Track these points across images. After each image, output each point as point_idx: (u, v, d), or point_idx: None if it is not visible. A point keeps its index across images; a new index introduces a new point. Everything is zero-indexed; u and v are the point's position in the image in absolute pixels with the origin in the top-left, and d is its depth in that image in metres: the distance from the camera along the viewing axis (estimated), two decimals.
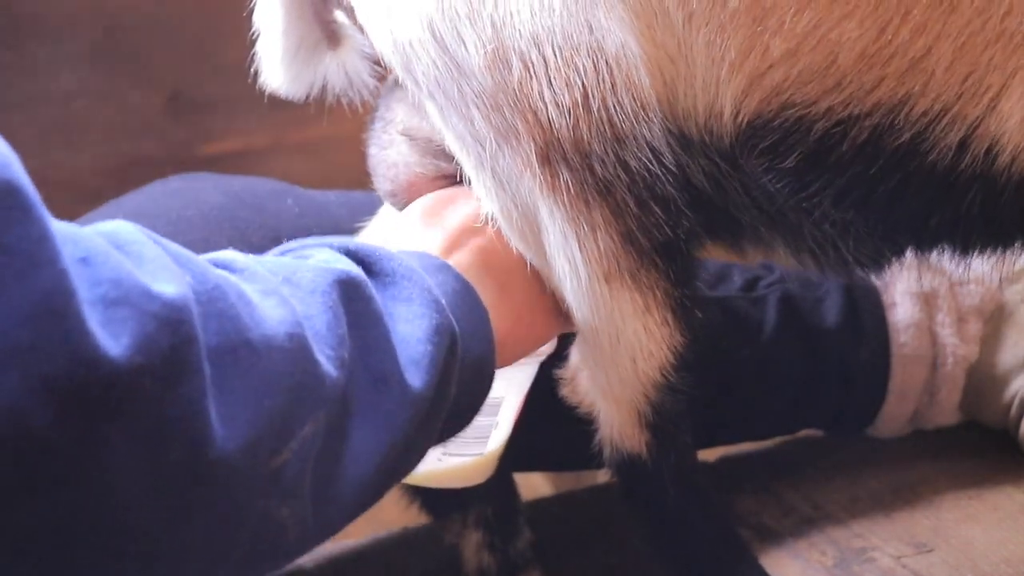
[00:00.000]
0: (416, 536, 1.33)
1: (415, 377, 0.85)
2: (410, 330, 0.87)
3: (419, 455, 0.91)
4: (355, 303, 0.84)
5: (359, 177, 1.20)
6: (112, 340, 0.65)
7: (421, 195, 1.08)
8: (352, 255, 0.89)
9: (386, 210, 1.18)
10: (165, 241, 0.74)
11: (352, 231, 1.22)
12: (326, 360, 0.79)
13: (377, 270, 0.89)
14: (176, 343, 0.67)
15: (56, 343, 0.63)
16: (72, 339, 0.63)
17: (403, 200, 1.10)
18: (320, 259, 0.87)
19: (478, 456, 1.10)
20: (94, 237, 0.68)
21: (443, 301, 0.90)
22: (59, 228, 0.66)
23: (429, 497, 1.24)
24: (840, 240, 1.01)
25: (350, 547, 1.31)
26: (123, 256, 0.69)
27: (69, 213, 1.30)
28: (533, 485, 1.52)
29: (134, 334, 0.66)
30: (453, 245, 1.01)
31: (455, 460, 1.09)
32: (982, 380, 1.37)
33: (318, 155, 1.85)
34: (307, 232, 1.24)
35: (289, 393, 0.75)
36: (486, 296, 0.98)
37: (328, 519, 0.82)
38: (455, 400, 0.92)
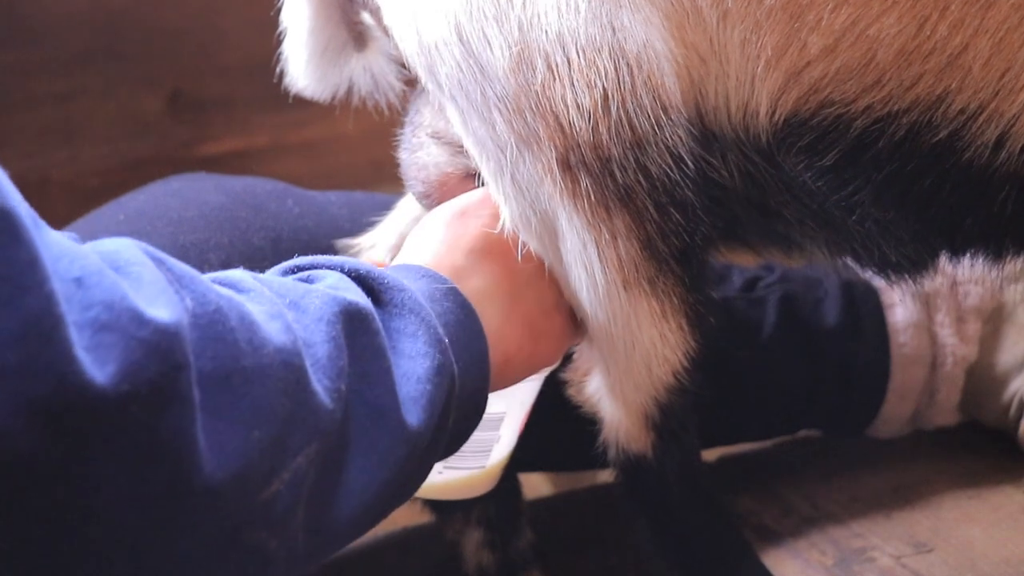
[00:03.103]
0: (416, 536, 1.32)
1: (413, 415, 0.84)
2: (412, 367, 0.85)
3: (413, 490, 0.90)
4: (360, 336, 0.82)
5: (359, 177, 1.19)
6: (98, 366, 0.64)
7: (453, 194, 1.06)
8: (361, 282, 0.87)
9: (405, 203, 1.17)
10: (170, 261, 0.72)
11: (352, 231, 1.21)
12: (323, 391, 0.77)
13: (385, 300, 0.87)
14: (164, 370, 0.66)
15: (41, 367, 0.62)
16: (57, 364, 0.62)
17: (436, 200, 1.08)
18: (329, 283, 0.85)
19: (479, 470, 1.10)
20: (91, 256, 0.67)
21: (446, 340, 0.88)
22: (58, 244, 0.65)
23: None
24: (883, 240, 1.00)
25: (350, 547, 1.31)
26: (120, 278, 0.67)
27: (69, 213, 1.30)
28: (533, 485, 1.51)
29: (120, 360, 0.65)
30: (463, 263, 0.99)
31: (455, 473, 1.09)
32: (981, 380, 1.37)
33: (318, 155, 1.85)
34: (307, 232, 1.23)
35: (282, 423, 0.73)
36: (493, 315, 0.97)
37: (317, 549, 0.80)
38: (450, 433, 0.90)
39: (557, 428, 1.13)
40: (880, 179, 0.96)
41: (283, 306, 0.79)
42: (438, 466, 1.07)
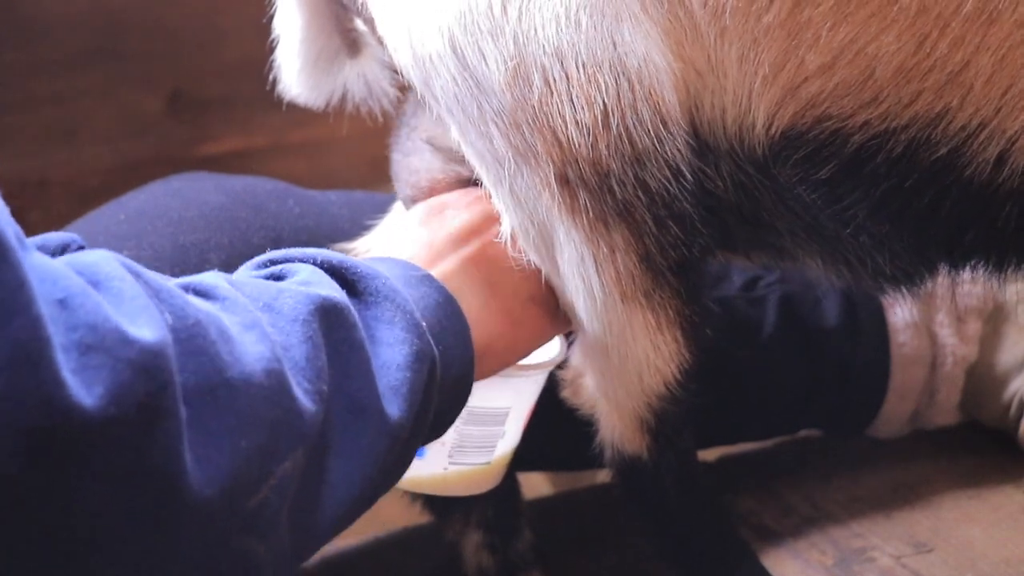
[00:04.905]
0: (416, 536, 1.32)
1: (393, 406, 0.83)
2: (390, 355, 0.85)
3: (396, 479, 0.89)
4: (336, 331, 0.82)
5: (359, 177, 1.19)
6: (85, 389, 0.64)
7: None
8: (335, 273, 0.87)
9: (398, 208, 1.17)
10: (148, 274, 0.72)
11: (352, 231, 1.21)
12: (304, 394, 0.77)
13: (360, 289, 0.87)
14: (152, 390, 0.66)
15: (29, 392, 0.62)
16: (45, 388, 0.62)
17: None
18: (302, 279, 0.84)
19: (484, 465, 1.10)
20: (73, 276, 0.67)
21: (424, 324, 0.88)
22: (38, 266, 0.65)
23: (431, 496, 1.23)
24: (877, 253, 0.99)
25: (350, 547, 1.30)
26: (101, 296, 0.67)
27: (69, 213, 1.29)
28: (533, 485, 1.51)
29: (108, 383, 0.65)
30: (440, 253, 0.99)
31: (460, 469, 1.09)
32: (981, 380, 1.36)
33: (318, 155, 1.85)
34: (307, 232, 1.23)
35: (267, 431, 0.73)
36: (471, 302, 0.97)
37: (303, 548, 0.81)
38: (432, 420, 0.90)
39: (557, 428, 1.13)
40: (878, 194, 0.96)
41: (257, 310, 0.78)
42: (443, 461, 1.07)
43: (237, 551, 0.73)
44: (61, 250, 0.84)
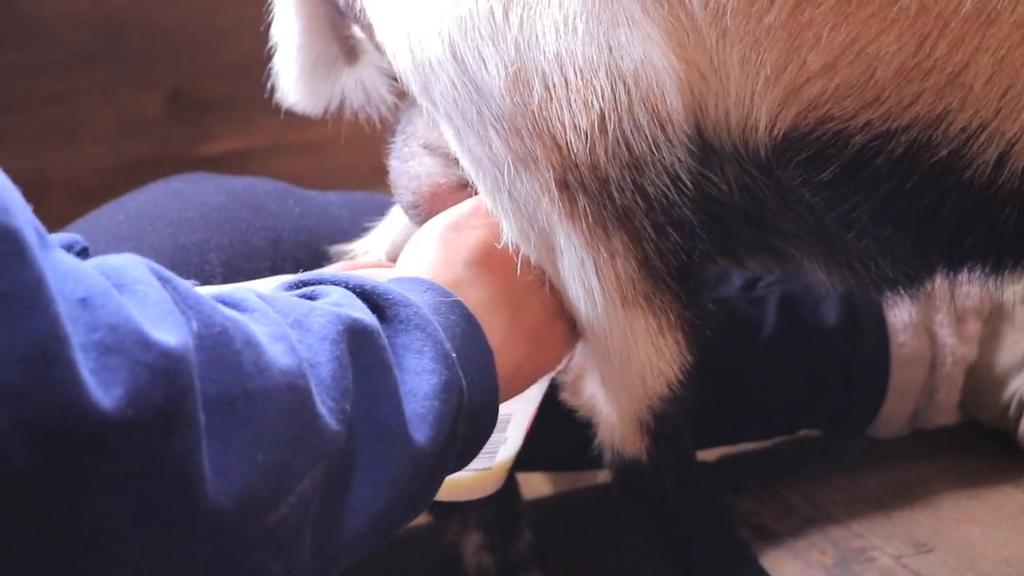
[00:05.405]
0: (416, 536, 1.32)
1: (420, 432, 0.83)
2: (418, 384, 0.84)
3: (423, 505, 0.88)
4: (365, 353, 0.81)
5: (359, 178, 1.19)
6: (103, 390, 0.63)
7: (443, 205, 1.05)
8: (366, 297, 0.86)
9: (398, 209, 1.17)
10: (176, 280, 0.71)
11: (352, 232, 1.21)
12: (328, 412, 0.76)
13: (391, 316, 0.86)
14: (170, 395, 0.65)
15: (45, 390, 0.61)
16: (61, 387, 0.62)
17: (425, 211, 1.07)
18: (333, 300, 0.84)
19: (485, 470, 1.09)
20: (96, 276, 0.66)
21: (453, 355, 0.87)
22: (63, 263, 0.64)
23: None
24: (880, 256, 0.99)
25: None
26: (125, 298, 0.66)
27: (69, 213, 1.29)
28: (533, 485, 1.51)
29: (126, 385, 0.64)
30: (465, 280, 0.98)
31: (461, 474, 1.08)
32: (981, 380, 1.37)
33: (318, 155, 1.85)
34: (307, 232, 1.23)
35: (287, 446, 0.72)
36: (497, 330, 0.96)
37: (326, 567, 0.79)
38: (460, 448, 0.90)
39: (557, 428, 1.13)
40: (879, 196, 0.96)
41: (287, 326, 0.77)
42: None
43: (252, 568, 0.72)
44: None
